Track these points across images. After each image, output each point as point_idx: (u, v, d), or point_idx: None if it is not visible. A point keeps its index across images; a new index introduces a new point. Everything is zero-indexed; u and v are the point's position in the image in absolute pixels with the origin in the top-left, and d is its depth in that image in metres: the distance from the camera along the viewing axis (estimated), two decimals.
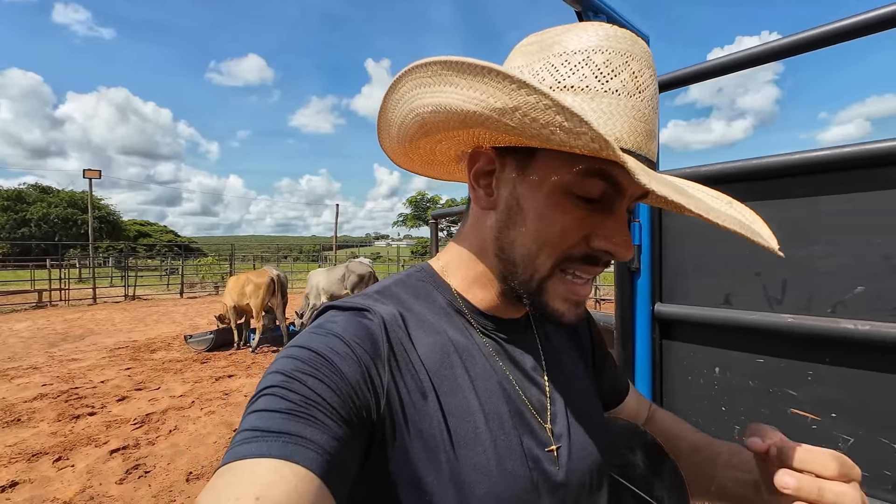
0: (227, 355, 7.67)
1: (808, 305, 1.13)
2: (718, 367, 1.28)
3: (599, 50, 0.45)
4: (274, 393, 0.39)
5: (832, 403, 1.09)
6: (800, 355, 1.13)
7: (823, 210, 1.10)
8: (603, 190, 0.47)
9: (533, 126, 0.38)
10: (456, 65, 0.41)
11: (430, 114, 0.46)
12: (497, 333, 0.56)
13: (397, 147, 0.59)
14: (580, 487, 0.55)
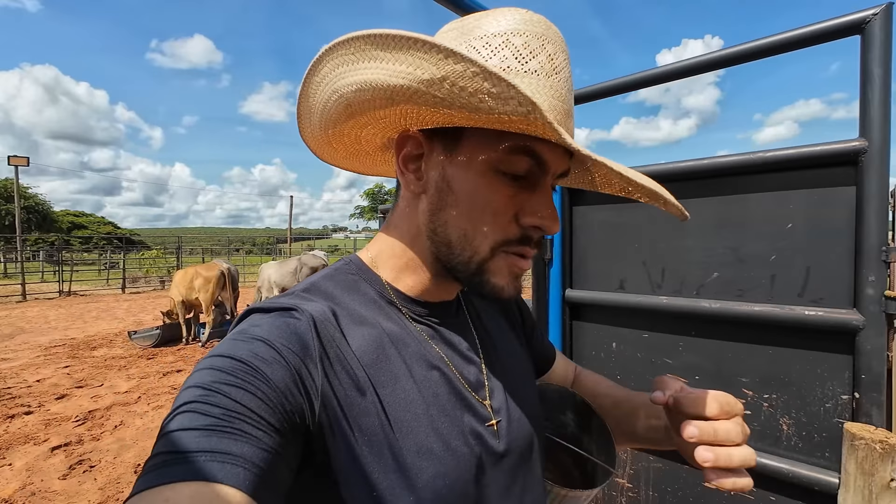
0: (174, 350, 7.44)
1: (680, 289, 1.37)
2: (615, 342, 1.52)
3: (517, 33, 0.46)
4: (192, 409, 0.36)
5: (696, 368, 1.35)
6: (673, 330, 1.38)
7: (690, 211, 1.34)
8: (528, 167, 0.48)
9: (461, 95, 0.38)
10: (379, 38, 0.39)
11: (355, 93, 0.44)
12: (430, 319, 0.57)
13: (320, 135, 0.57)
14: (521, 455, 0.57)
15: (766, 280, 1.21)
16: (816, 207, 1.12)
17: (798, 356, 1.16)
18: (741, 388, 1.25)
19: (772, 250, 1.19)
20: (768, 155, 1.16)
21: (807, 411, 1.15)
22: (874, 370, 1.03)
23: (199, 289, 7.61)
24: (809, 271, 1.14)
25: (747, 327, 1.23)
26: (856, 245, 1.05)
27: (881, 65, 0.99)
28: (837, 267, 1.09)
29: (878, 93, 0.99)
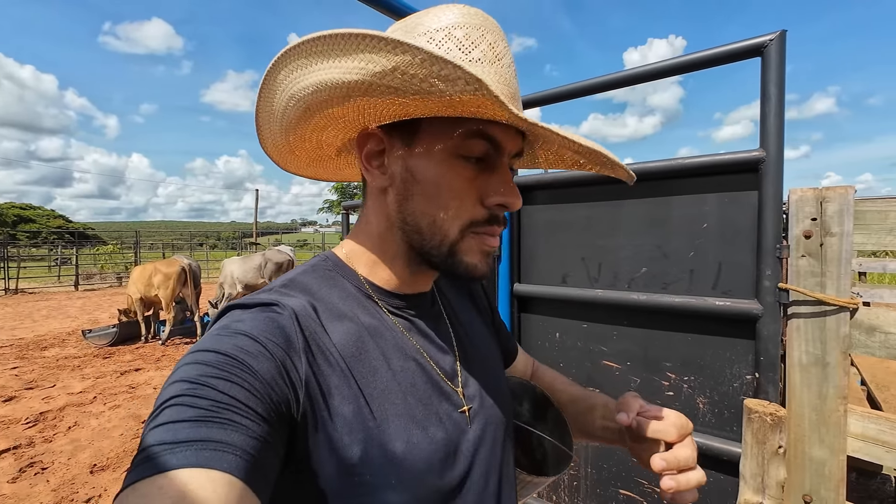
0: (133, 349, 7.20)
1: (614, 282, 1.50)
2: (559, 332, 1.63)
3: (458, 26, 0.49)
4: (180, 402, 0.37)
5: (628, 354, 1.47)
6: (608, 320, 1.50)
7: (624, 211, 1.47)
8: (484, 149, 0.51)
9: (413, 82, 0.40)
10: (329, 39, 0.41)
11: (312, 94, 0.46)
12: (406, 311, 0.58)
13: (282, 143, 0.58)
14: (494, 441, 0.60)
15: (686, 274, 1.34)
16: (726, 209, 1.26)
17: (712, 342, 1.30)
18: (665, 372, 1.39)
19: (691, 247, 1.33)
20: (687, 161, 1.29)
21: (718, 391, 1.30)
22: (770, 353, 1.17)
23: (158, 286, 7.37)
24: (721, 266, 1.28)
25: (670, 317, 1.36)
26: (757, 243, 1.18)
27: (776, 84, 1.12)
28: (743, 262, 1.23)
29: (773, 109, 1.12)
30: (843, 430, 1.08)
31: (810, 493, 1.12)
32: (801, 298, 1.12)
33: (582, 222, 1.56)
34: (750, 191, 1.20)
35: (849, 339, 1.07)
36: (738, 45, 1.15)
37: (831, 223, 1.08)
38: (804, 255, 1.12)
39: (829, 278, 1.09)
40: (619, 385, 1.49)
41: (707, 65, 1.20)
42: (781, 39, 1.11)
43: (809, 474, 1.12)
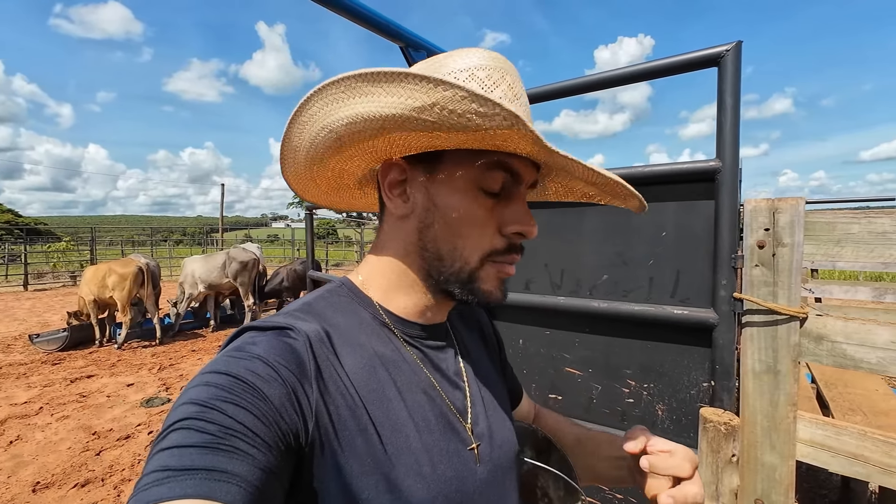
0: (86, 354, 6.82)
1: (576, 289, 1.49)
2: (522, 338, 1.62)
3: (480, 67, 0.52)
4: (188, 426, 0.37)
5: (590, 361, 1.47)
6: (570, 327, 1.49)
7: (587, 219, 1.46)
8: (504, 180, 0.53)
9: (451, 117, 0.42)
10: (370, 76, 0.43)
11: (346, 126, 0.48)
12: (421, 342, 0.59)
13: (304, 172, 0.60)
14: (501, 480, 0.60)
15: (646, 282, 1.34)
16: (684, 218, 1.26)
17: (670, 350, 1.31)
18: (626, 379, 1.39)
19: (650, 255, 1.33)
20: (647, 169, 1.29)
21: (676, 398, 1.30)
22: (726, 361, 1.19)
23: (113, 286, 6.99)
24: (679, 274, 1.28)
25: (630, 324, 1.36)
26: (713, 252, 1.19)
27: (732, 94, 1.12)
28: (700, 271, 1.24)
29: (729, 120, 1.13)
30: (792, 436, 1.10)
31: (762, 497, 1.14)
32: (754, 307, 1.13)
33: (545, 228, 1.54)
34: (706, 200, 1.21)
35: (799, 348, 1.09)
36: (695, 54, 1.15)
37: (783, 234, 1.09)
38: (758, 265, 1.13)
39: (781, 288, 1.10)
40: (582, 392, 1.48)
41: (666, 73, 1.20)
42: (737, 50, 1.11)
43: (761, 479, 1.14)
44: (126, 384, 5.50)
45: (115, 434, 4.14)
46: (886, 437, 1.01)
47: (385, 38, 1.34)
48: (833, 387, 2.54)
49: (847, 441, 1.05)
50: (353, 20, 1.24)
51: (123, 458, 3.70)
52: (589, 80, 1.35)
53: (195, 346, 7.39)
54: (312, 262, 3.08)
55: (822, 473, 2.88)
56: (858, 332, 1.04)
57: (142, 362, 6.45)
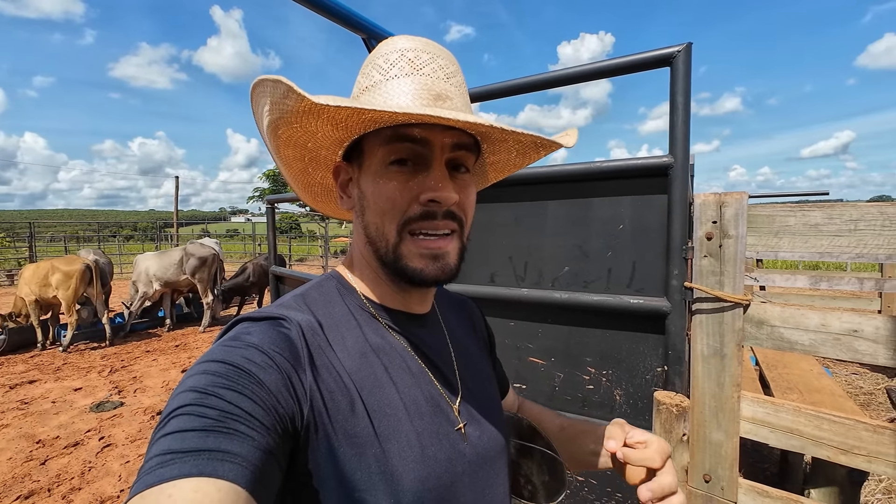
0: (26, 358, 6.36)
1: (539, 281, 1.52)
2: None
3: (380, 56, 0.56)
4: (188, 412, 0.38)
5: (552, 351, 1.51)
6: (533, 318, 1.53)
7: (548, 211, 1.49)
8: (412, 149, 0.53)
9: (283, 103, 0.49)
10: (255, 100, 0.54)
11: (275, 145, 0.55)
12: (408, 329, 0.60)
13: (302, 191, 0.70)
14: (490, 461, 0.61)
15: (605, 273, 1.39)
16: (640, 211, 1.32)
17: (627, 337, 1.37)
18: (586, 367, 1.44)
19: (608, 247, 1.38)
20: (604, 165, 1.33)
21: (633, 383, 1.37)
22: (677, 347, 1.25)
23: (57, 285, 6.54)
24: (635, 266, 1.34)
25: (590, 314, 1.41)
26: (666, 244, 1.25)
27: (683, 94, 1.18)
28: (654, 262, 1.30)
29: (680, 118, 1.18)
30: (736, 414, 1.18)
31: (709, 472, 1.22)
32: (703, 296, 1.20)
33: (509, 222, 1.57)
34: (660, 194, 1.27)
35: (742, 333, 1.17)
36: (648, 54, 1.20)
37: (729, 226, 1.16)
38: (706, 256, 1.20)
39: (727, 277, 1.18)
40: (545, 381, 1.53)
41: (621, 72, 1.24)
42: (688, 51, 1.17)
43: (709, 456, 1.22)
44: (73, 388, 5.18)
45: (61, 441, 3.90)
46: (817, 413, 1.11)
47: (347, 29, 1.31)
48: (773, 368, 2.74)
49: (784, 417, 1.14)
50: (314, 10, 1.21)
51: (72, 467, 3.50)
52: (548, 77, 1.38)
53: (150, 346, 7.05)
54: (275, 258, 3.00)
55: (765, 448, 3.11)
56: (793, 316, 1.12)
57: (90, 365, 6.09)
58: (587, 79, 1.31)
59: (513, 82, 1.46)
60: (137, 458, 3.64)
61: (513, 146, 0.64)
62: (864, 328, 1.04)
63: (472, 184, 0.59)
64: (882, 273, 5.23)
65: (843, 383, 4.50)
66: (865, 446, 1.05)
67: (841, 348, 1.07)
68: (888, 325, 1.02)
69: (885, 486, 2.55)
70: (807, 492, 1.89)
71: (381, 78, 0.54)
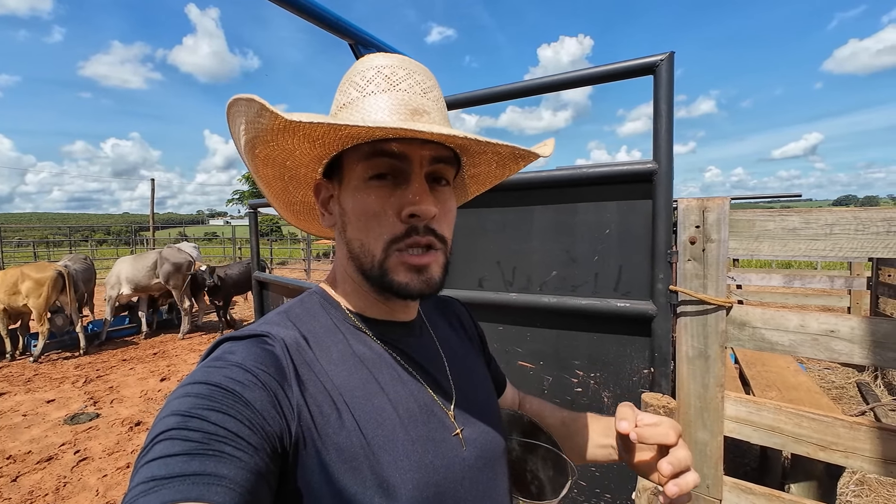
0: None
1: (527, 285, 1.54)
2: None
3: (357, 73, 0.56)
4: (171, 437, 0.37)
5: (541, 354, 1.53)
6: (522, 322, 1.54)
7: (535, 216, 1.51)
8: (390, 164, 0.53)
9: (257, 122, 0.49)
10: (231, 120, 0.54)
11: (254, 165, 0.55)
12: (395, 339, 0.60)
13: (286, 213, 0.71)
14: (489, 466, 0.61)
15: (592, 277, 1.41)
16: (625, 216, 1.34)
17: (614, 340, 1.39)
18: (574, 370, 1.46)
19: (595, 252, 1.40)
20: (590, 171, 1.35)
21: (621, 385, 1.39)
22: (663, 349, 1.28)
23: (28, 293, 6.30)
24: (621, 270, 1.37)
25: (578, 318, 1.43)
26: (651, 248, 1.28)
27: (666, 101, 1.21)
28: (639, 266, 1.33)
29: (664, 125, 1.21)
30: (721, 414, 1.22)
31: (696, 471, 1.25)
32: (687, 299, 1.23)
33: (497, 228, 1.58)
34: (645, 199, 1.29)
35: (725, 334, 1.20)
36: (632, 63, 1.22)
37: (711, 230, 1.19)
38: (690, 260, 1.23)
39: (710, 280, 1.21)
40: (534, 384, 1.54)
41: (605, 80, 1.27)
42: (670, 60, 1.19)
43: (695, 455, 1.25)
44: (45, 400, 4.99)
45: (33, 456, 3.75)
46: (798, 411, 1.14)
47: (334, 35, 1.30)
48: (753, 366, 2.82)
49: (766, 416, 1.18)
50: (302, 16, 1.20)
51: (46, 483, 3.37)
52: (532, 84, 1.40)
53: (126, 354, 6.84)
54: (258, 263, 2.95)
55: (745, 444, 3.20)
56: (774, 318, 1.16)
57: (64, 375, 5.87)
58: (572, 86, 1.33)
59: (497, 89, 1.48)
60: (115, 471, 3.52)
61: (492, 158, 0.64)
62: (841, 328, 1.09)
63: (452, 196, 0.59)
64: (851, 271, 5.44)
65: (817, 378, 4.66)
66: (843, 442, 1.09)
67: (819, 348, 1.11)
68: (863, 325, 1.07)
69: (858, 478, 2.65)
70: (787, 486, 1.95)
71: (358, 95, 0.55)
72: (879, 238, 1.04)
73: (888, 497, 2.53)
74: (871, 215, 1.05)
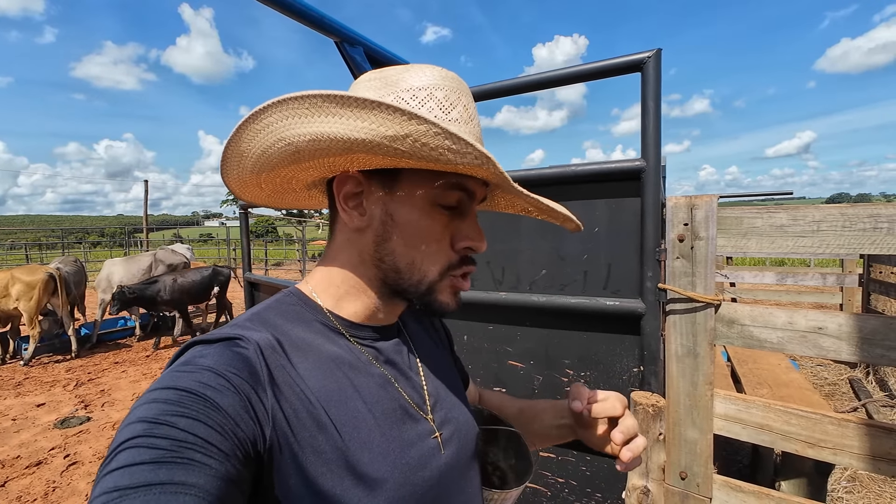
0: None
1: (516, 285, 1.53)
2: (466, 334, 1.64)
3: (438, 87, 0.54)
4: (136, 444, 0.36)
5: (531, 354, 1.52)
6: (512, 321, 1.54)
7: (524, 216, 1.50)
8: (459, 198, 0.56)
9: (423, 149, 0.44)
10: (340, 98, 0.44)
11: (308, 142, 0.48)
12: (374, 342, 0.60)
13: (250, 178, 0.60)
14: (463, 464, 0.63)
15: (581, 276, 1.41)
16: (614, 214, 1.33)
17: (604, 339, 1.38)
18: (564, 369, 1.45)
19: (584, 250, 1.39)
20: (578, 169, 1.34)
21: (611, 384, 1.38)
22: (652, 347, 1.27)
23: (18, 296, 6.23)
24: (610, 268, 1.36)
25: (567, 316, 1.42)
26: (640, 246, 1.27)
27: (654, 98, 1.20)
28: (628, 264, 1.32)
29: (651, 122, 1.21)
30: (710, 412, 1.21)
31: (685, 469, 1.24)
32: (676, 296, 1.22)
33: (485, 226, 1.56)
34: (633, 197, 1.29)
35: (714, 332, 1.20)
36: (620, 60, 1.21)
37: (699, 228, 1.19)
38: (678, 257, 1.22)
39: (699, 277, 1.20)
40: (524, 384, 1.53)
41: (593, 77, 1.26)
42: (657, 57, 1.19)
43: (685, 453, 1.24)
44: (35, 404, 4.94)
45: (23, 461, 3.71)
46: (786, 408, 1.14)
47: (320, 33, 1.29)
48: (744, 363, 2.82)
49: (755, 413, 1.17)
50: (286, 14, 1.19)
51: (34, 487, 3.33)
52: (521, 82, 1.39)
53: (118, 357, 6.78)
54: (249, 264, 2.92)
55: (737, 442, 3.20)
56: (762, 315, 1.16)
57: (55, 379, 5.82)
58: (560, 84, 1.32)
59: (487, 87, 1.47)
60: None
61: (519, 205, 0.72)
62: (828, 325, 1.08)
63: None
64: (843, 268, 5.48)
65: (810, 375, 4.69)
66: (831, 439, 1.08)
67: (807, 345, 1.11)
68: (850, 322, 1.06)
69: (849, 474, 2.66)
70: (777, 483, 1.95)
71: (443, 116, 0.53)
72: (866, 234, 1.04)
73: (879, 493, 2.54)
74: (858, 211, 1.05)
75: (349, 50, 1.35)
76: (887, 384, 4.06)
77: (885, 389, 3.99)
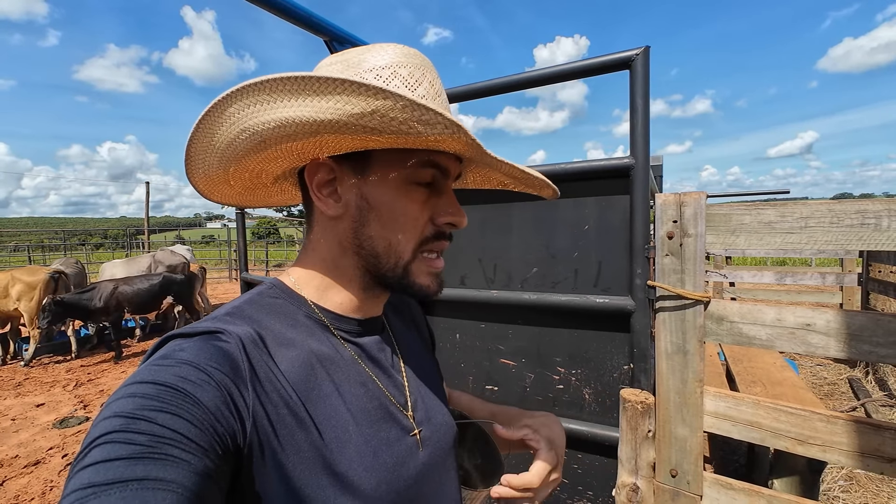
0: None
1: (508, 283, 1.53)
2: (458, 332, 1.64)
3: (402, 65, 0.53)
4: (111, 440, 0.35)
5: (523, 352, 1.52)
6: (503, 319, 1.54)
7: (515, 213, 1.50)
8: (434, 175, 0.56)
9: (392, 124, 0.43)
10: (303, 80, 0.42)
11: (274, 129, 0.46)
12: (358, 336, 0.60)
13: (218, 174, 0.58)
14: (442, 462, 0.63)
15: (572, 273, 1.41)
16: (604, 212, 1.33)
17: (594, 336, 1.38)
18: (556, 367, 1.45)
19: (575, 248, 1.39)
20: (568, 166, 1.35)
21: (601, 381, 1.38)
22: (642, 344, 1.27)
23: (19, 297, 6.25)
24: (601, 266, 1.36)
25: (558, 314, 1.42)
26: (629, 243, 1.27)
27: (642, 96, 1.20)
28: (618, 261, 1.32)
29: (640, 119, 1.21)
30: (700, 409, 1.21)
31: (675, 467, 1.24)
32: (665, 294, 1.22)
33: (477, 224, 1.57)
34: (622, 195, 1.29)
35: (703, 329, 1.20)
36: (608, 57, 1.22)
37: (688, 225, 1.19)
38: (668, 255, 1.22)
39: (688, 275, 1.20)
40: (516, 382, 1.53)
41: (583, 74, 1.26)
42: (646, 54, 1.19)
43: (675, 451, 1.24)
44: (35, 405, 4.95)
45: (21, 461, 3.71)
46: (775, 405, 1.14)
47: (309, 32, 1.29)
48: (739, 362, 2.82)
49: (745, 411, 1.17)
50: (273, 13, 1.19)
51: (32, 487, 3.34)
52: (513, 79, 1.39)
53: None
54: (245, 265, 2.93)
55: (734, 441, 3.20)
56: (751, 312, 1.15)
57: (55, 379, 5.83)
58: (550, 81, 1.33)
59: (480, 84, 1.47)
60: None
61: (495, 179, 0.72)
62: (817, 322, 1.08)
63: None
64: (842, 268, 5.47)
65: (809, 374, 4.68)
66: (820, 436, 1.08)
67: (796, 342, 1.11)
68: (838, 318, 1.06)
69: (845, 473, 2.65)
70: (771, 482, 1.94)
71: (409, 93, 0.49)
72: (853, 231, 1.04)
73: (876, 492, 2.53)
74: (846, 207, 1.05)
75: (338, 48, 1.35)
76: (887, 384, 4.05)
77: (884, 389, 3.98)
